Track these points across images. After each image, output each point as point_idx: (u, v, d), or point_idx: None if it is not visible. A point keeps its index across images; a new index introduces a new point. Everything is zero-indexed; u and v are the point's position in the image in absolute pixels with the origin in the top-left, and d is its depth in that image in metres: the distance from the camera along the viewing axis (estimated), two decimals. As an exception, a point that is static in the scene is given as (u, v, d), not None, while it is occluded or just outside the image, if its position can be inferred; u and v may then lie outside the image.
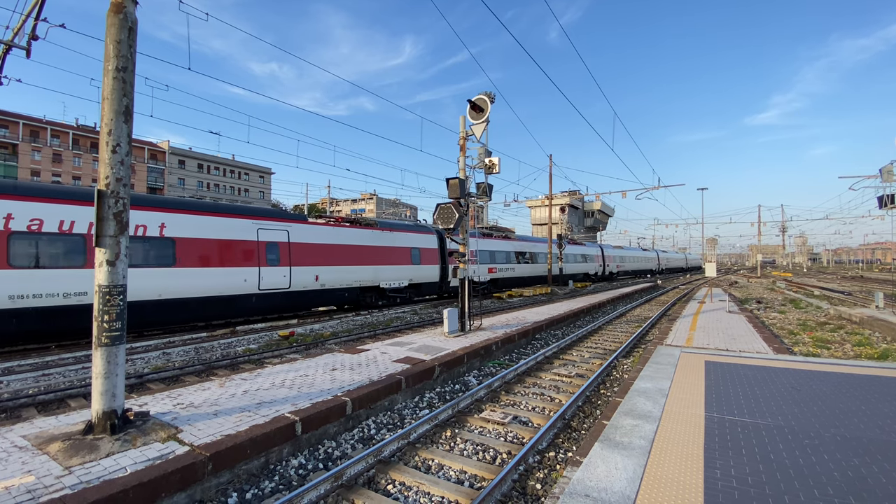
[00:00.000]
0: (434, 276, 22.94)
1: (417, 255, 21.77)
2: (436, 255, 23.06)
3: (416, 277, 21.64)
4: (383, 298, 20.26)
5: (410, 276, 21.21)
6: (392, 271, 20.17)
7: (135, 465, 4.06)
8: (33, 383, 8.31)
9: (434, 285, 23.16)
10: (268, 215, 15.76)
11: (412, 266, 21.36)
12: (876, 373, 7.65)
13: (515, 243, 32.41)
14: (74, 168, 60.06)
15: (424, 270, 22.18)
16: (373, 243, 19.45)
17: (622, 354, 10.77)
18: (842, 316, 17.47)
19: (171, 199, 14.03)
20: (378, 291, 19.71)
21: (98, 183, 4.66)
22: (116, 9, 4.75)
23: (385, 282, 19.73)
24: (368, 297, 19.28)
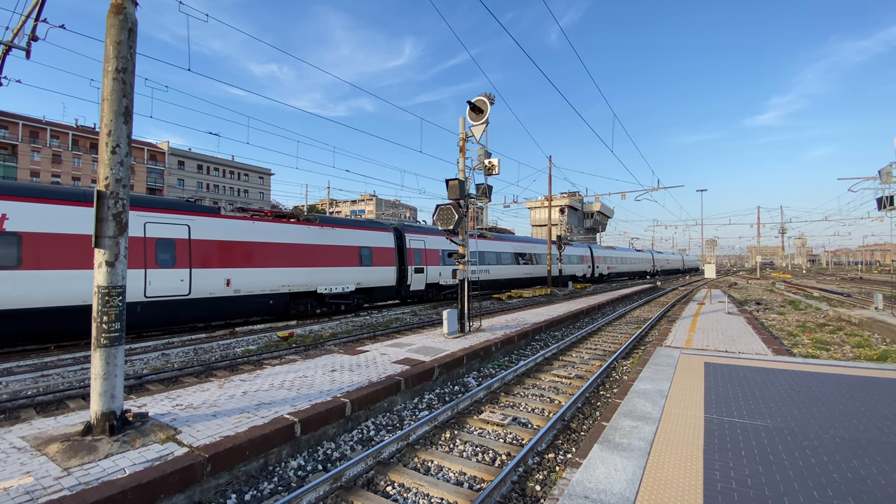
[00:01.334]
0: (389, 278, 20.21)
1: (368, 255, 19.14)
2: (392, 256, 20.46)
3: (366, 281, 18.90)
4: (322, 306, 17.49)
5: (358, 279, 18.42)
6: (333, 274, 17.42)
7: (133, 466, 4.06)
8: (32, 384, 8.30)
9: (389, 290, 20.40)
10: (160, 206, 13.07)
11: (360, 268, 18.65)
12: (875, 374, 7.66)
13: (497, 243, 30.25)
14: (74, 169, 60.03)
15: (376, 273, 19.47)
16: (308, 241, 16.69)
17: (622, 356, 10.77)
18: (841, 317, 17.48)
19: (20, 185, 11.34)
20: (315, 298, 17.08)
21: (97, 184, 4.66)
22: (116, 10, 4.76)
23: (324, 286, 17.00)
24: (302, 304, 16.64)
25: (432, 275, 22.67)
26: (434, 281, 22.80)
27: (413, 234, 22.02)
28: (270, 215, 16.25)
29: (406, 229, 21.93)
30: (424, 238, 22.73)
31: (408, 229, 22.05)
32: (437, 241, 23.39)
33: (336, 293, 17.67)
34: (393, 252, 20.58)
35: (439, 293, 23.92)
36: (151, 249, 12.46)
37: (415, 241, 22.00)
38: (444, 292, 24.17)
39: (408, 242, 21.57)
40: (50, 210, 10.89)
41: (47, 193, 11.15)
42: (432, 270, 22.69)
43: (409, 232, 21.96)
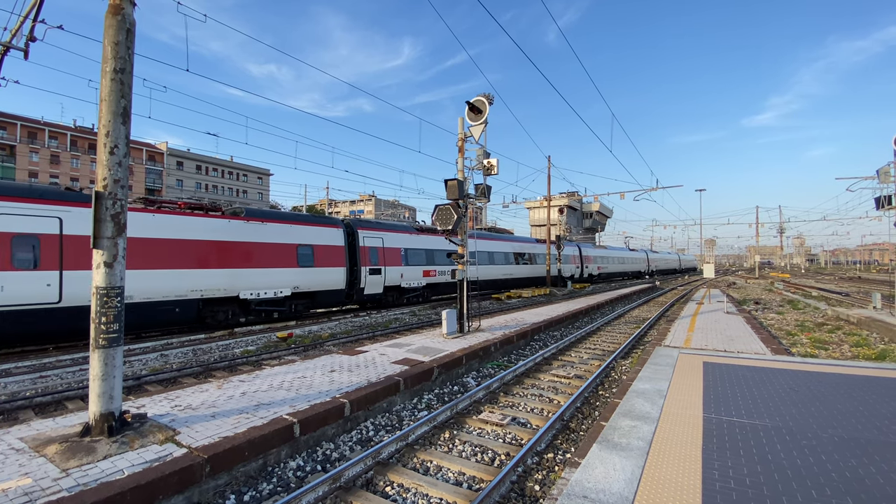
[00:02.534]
0: (336, 281, 17.73)
1: (308, 254, 16.76)
2: (341, 255, 18.03)
3: (306, 284, 16.51)
4: (247, 314, 15.08)
5: (294, 282, 16.04)
6: (261, 276, 15.03)
7: (132, 467, 4.05)
8: (31, 385, 8.28)
9: (337, 294, 17.90)
10: (21, 194, 10.89)
11: (298, 269, 16.25)
12: (874, 373, 7.67)
13: (487, 243, 27.77)
14: (72, 169, 59.93)
15: (320, 275, 17.11)
16: (228, 238, 14.30)
17: (621, 355, 10.78)
18: (839, 317, 17.52)
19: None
20: (238, 304, 14.68)
21: (96, 184, 4.66)
22: (114, 10, 4.76)
23: (249, 291, 14.67)
24: (220, 312, 14.21)
25: (392, 276, 20.44)
26: (394, 283, 20.56)
27: (368, 231, 19.84)
28: (184, 207, 14.07)
29: (359, 225, 19.77)
30: (383, 235, 20.51)
31: (362, 225, 19.93)
32: (399, 239, 21.39)
33: (265, 299, 15.21)
34: (342, 251, 18.20)
35: (401, 297, 21.37)
36: (6, 248, 10.36)
37: (370, 238, 19.73)
38: (406, 296, 21.62)
39: (361, 240, 19.22)
40: None
41: None
42: (392, 271, 20.45)
43: (364, 228, 19.76)
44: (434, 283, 23.13)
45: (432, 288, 23.25)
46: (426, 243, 22.99)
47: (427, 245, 22.98)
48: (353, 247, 18.96)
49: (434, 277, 23.07)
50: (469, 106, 11.70)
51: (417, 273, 21.88)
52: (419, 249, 22.29)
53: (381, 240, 20.24)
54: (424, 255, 22.54)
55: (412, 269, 21.55)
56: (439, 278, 23.46)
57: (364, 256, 19.11)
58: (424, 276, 22.31)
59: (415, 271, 21.72)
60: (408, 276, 21.28)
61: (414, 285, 21.65)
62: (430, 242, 23.28)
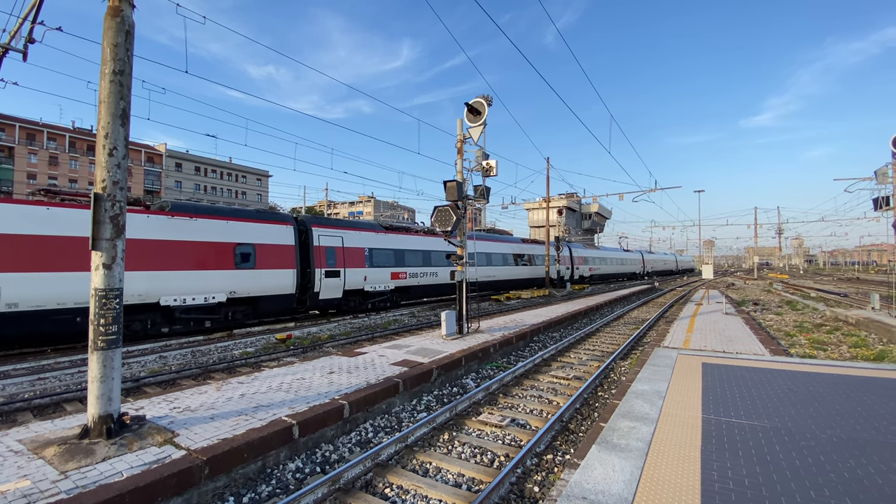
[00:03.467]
0: (285, 285, 15.73)
1: (249, 254, 14.75)
2: (290, 256, 16.10)
3: (245, 288, 14.51)
4: (172, 322, 13.15)
5: (230, 286, 14.02)
6: (188, 280, 13.13)
7: (131, 469, 4.04)
8: (29, 387, 8.26)
9: (285, 299, 15.88)
10: None
11: (236, 272, 14.25)
12: (872, 374, 7.69)
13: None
14: (71, 171, 59.84)
15: (263, 278, 15.10)
16: (145, 235, 12.41)
17: (620, 356, 10.78)
18: (838, 317, 17.55)
19: None
20: (160, 312, 12.88)
21: (95, 186, 4.66)
22: (113, 12, 4.76)
23: (172, 296, 12.80)
24: (136, 321, 12.43)
25: (353, 279, 18.43)
26: (356, 287, 18.58)
27: (324, 229, 17.90)
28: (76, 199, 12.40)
29: (315, 222, 17.89)
30: (343, 234, 18.59)
31: (317, 222, 18.02)
32: (362, 238, 19.46)
33: (193, 305, 13.33)
34: (291, 251, 16.22)
35: (364, 302, 19.41)
36: None
37: (327, 236, 17.79)
38: (371, 301, 19.66)
39: (315, 239, 17.24)
40: None
41: None
42: (353, 274, 18.45)
43: (319, 226, 17.84)
44: (404, 286, 21.19)
45: (402, 291, 21.36)
46: (395, 243, 21.17)
47: (396, 245, 21.15)
48: (306, 246, 17.12)
49: (404, 280, 21.07)
50: (468, 107, 11.72)
51: (384, 275, 19.94)
52: (386, 250, 20.43)
53: (339, 239, 18.31)
54: (393, 255, 20.70)
55: (378, 270, 19.66)
56: (410, 281, 21.43)
57: (319, 257, 17.19)
58: (392, 279, 20.43)
59: (381, 273, 19.80)
60: (372, 278, 19.38)
61: (380, 288, 19.77)
62: (401, 242, 21.53)
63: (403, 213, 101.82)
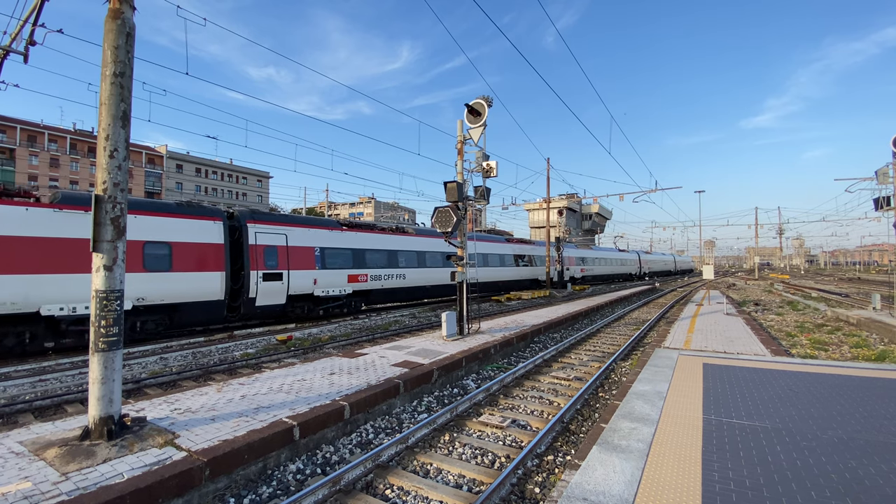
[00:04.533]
0: (210, 290, 13.52)
1: (164, 255, 12.63)
2: (217, 256, 13.82)
3: (158, 294, 12.47)
4: (59, 336, 11.26)
5: (139, 291, 12.03)
6: (78, 285, 11.09)
7: (132, 470, 4.05)
8: (30, 389, 8.27)
9: (212, 307, 13.68)
10: None
11: (146, 275, 12.22)
12: (873, 374, 7.68)
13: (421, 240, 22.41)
14: (72, 173, 59.97)
15: (182, 283, 13.01)
16: (23, 233, 10.52)
17: (620, 357, 10.77)
18: (839, 318, 17.53)
19: None
20: (44, 324, 10.94)
21: (95, 188, 4.67)
22: (114, 14, 4.77)
23: (59, 304, 10.87)
24: (10, 335, 10.58)
25: (300, 283, 16.26)
26: (304, 291, 16.43)
27: (263, 226, 15.54)
28: None
29: (252, 218, 15.48)
30: (287, 231, 16.29)
31: (255, 218, 15.62)
32: (313, 236, 17.20)
33: (85, 315, 11.16)
34: (219, 250, 13.96)
35: (315, 308, 17.22)
36: None
37: (266, 234, 15.49)
38: (323, 307, 17.41)
39: (251, 237, 14.96)
40: None
41: None
42: (300, 277, 16.27)
43: (257, 221, 15.48)
44: (364, 289, 18.88)
45: (362, 296, 19.11)
46: (355, 241, 18.89)
47: (356, 244, 18.89)
48: (239, 245, 14.85)
49: (364, 283, 18.75)
50: (468, 108, 11.73)
51: (339, 278, 17.74)
52: (342, 249, 18.18)
53: (283, 236, 16.01)
54: (351, 255, 18.50)
55: (332, 273, 17.47)
56: (372, 283, 19.13)
57: (256, 257, 14.92)
58: (350, 282, 18.18)
59: (335, 276, 17.61)
60: (325, 281, 17.19)
61: (334, 293, 17.57)
62: (362, 241, 19.27)
63: (404, 213, 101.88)
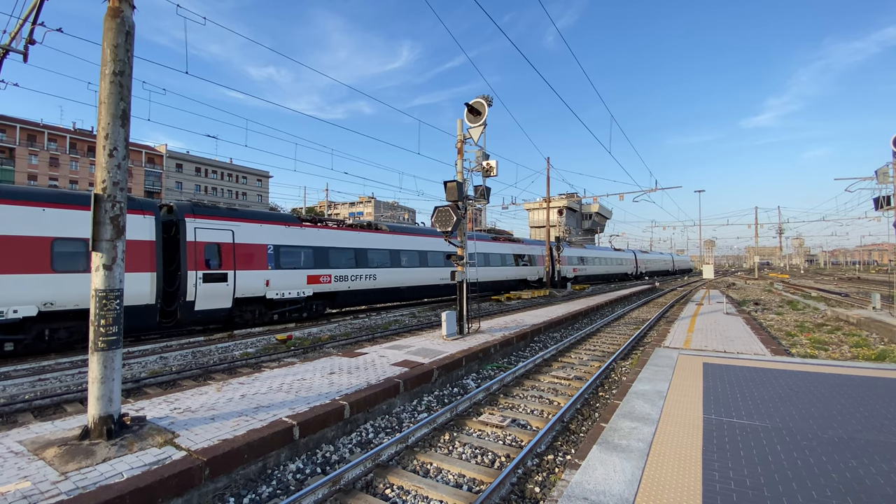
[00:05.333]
0: (138, 293, 11.83)
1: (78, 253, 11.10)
2: (146, 254, 12.14)
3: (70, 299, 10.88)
4: None
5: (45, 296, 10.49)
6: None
7: (131, 470, 4.04)
8: (29, 388, 8.26)
9: (141, 312, 11.98)
10: None
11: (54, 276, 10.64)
12: (873, 374, 7.67)
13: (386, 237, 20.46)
14: (71, 172, 59.91)
15: None
16: None
17: (620, 356, 10.77)
18: (839, 317, 17.52)
19: None
20: None
21: (95, 187, 4.66)
22: (114, 13, 4.76)
23: None
24: None
25: (249, 284, 14.46)
26: (254, 293, 14.66)
27: (205, 220, 13.66)
28: None
29: (192, 211, 13.61)
30: (234, 227, 14.31)
31: (196, 211, 13.71)
32: (265, 232, 15.29)
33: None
34: (149, 248, 12.23)
35: (268, 312, 15.51)
36: None
37: (208, 230, 13.60)
38: (277, 311, 15.73)
39: (190, 233, 13.22)
40: None
41: None
42: (250, 277, 14.47)
43: (198, 216, 13.63)
44: (327, 291, 17.16)
45: (326, 298, 17.45)
46: (317, 239, 16.99)
47: (318, 241, 17.01)
48: (176, 242, 13.15)
49: (327, 284, 17.01)
50: (468, 108, 11.72)
51: (297, 279, 15.94)
52: (301, 247, 16.36)
53: (229, 233, 14.08)
54: (312, 254, 16.66)
55: (288, 273, 15.70)
56: (337, 285, 17.38)
57: (195, 256, 13.21)
58: (310, 283, 16.43)
59: (292, 277, 15.83)
60: (279, 282, 15.41)
61: (290, 295, 15.76)
62: (325, 238, 17.41)
63: (404, 213, 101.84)
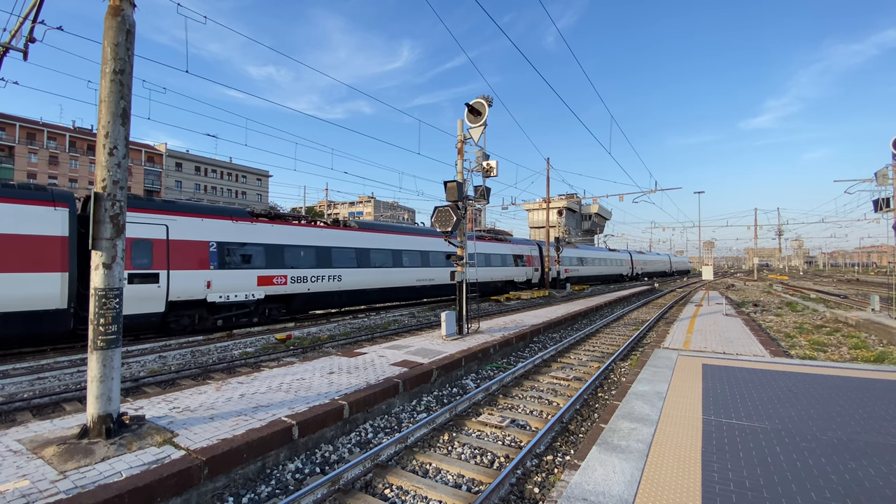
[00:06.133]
0: (45, 296, 10.45)
1: None
2: (55, 252, 10.68)
3: None
4: None
5: None
6: None
7: (130, 469, 4.03)
8: (28, 387, 8.25)
9: (49, 318, 10.57)
10: None
11: None
12: (872, 375, 7.68)
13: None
14: (71, 171, 59.86)
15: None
16: None
17: (620, 357, 10.77)
18: (838, 319, 17.54)
19: None
20: None
21: (95, 185, 4.65)
22: (114, 11, 4.76)
23: None
24: None
25: (186, 285, 12.89)
26: (192, 296, 13.07)
27: (134, 213, 12.05)
28: None
29: None
30: (168, 220, 12.70)
31: None
32: (206, 228, 13.62)
33: None
34: (59, 245, 10.75)
35: (211, 317, 13.80)
36: None
37: (136, 224, 12.03)
38: (221, 315, 14.01)
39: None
40: None
41: None
42: (186, 278, 12.89)
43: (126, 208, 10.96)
44: (283, 294, 15.40)
45: (282, 301, 15.73)
46: (270, 236, 15.26)
47: (272, 238, 15.27)
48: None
49: (283, 286, 15.23)
50: (468, 108, 11.72)
51: (245, 280, 14.20)
52: (251, 245, 14.60)
53: (162, 228, 12.48)
54: (264, 252, 14.90)
55: (234, 273, 14.05)
56: (294, 287, 15.58)
57: None
58: (262, 285, 14.68)
59: (239, 277, 14.15)
60: (224, 284, 13.79)
61: (237, 298, 14.17)
62: (281, 235, 15.65)
63: (403, 213, 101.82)
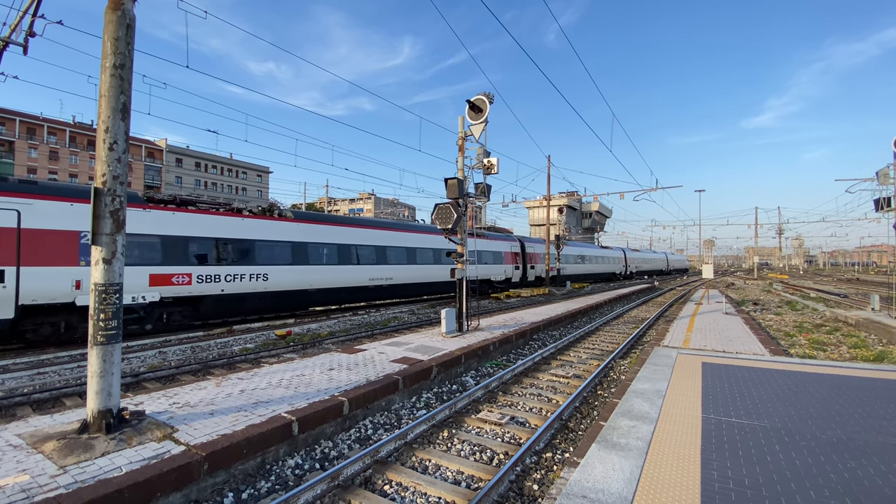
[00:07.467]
0: None
1: None
2: None
3: None
4: None
5: None
6: None
7: (130, 464, 4.04)
8: (28, 382, 8.26)
9: None
10: None
11: None
12: (872, 375, 7.68)
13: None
14: (71, 166, 59.80)
15: None
16: None
17: (619, 355, 10.78)
18: (838, 318, 17.55)
19: None
20: None
21: (95, 180, 4.64)
22: (114, 6, 4.73)
23: None
24: None
25: (46, 287, 10.59)
26: (56, 299, 10.79)
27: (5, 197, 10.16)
28: None
29: None
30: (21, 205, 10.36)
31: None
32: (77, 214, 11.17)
33: None
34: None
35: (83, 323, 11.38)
36: None
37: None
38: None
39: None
40: None
41: None
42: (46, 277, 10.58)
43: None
44: (186, 295, 13.12)
45: (187, 304, 13.42)
46: (169, 226, 12.89)
47: (171, 229, 12.91)
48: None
49: (184, 286, 13.01)
50: (469, 105, 11.68)
51: (132, 279, 11.81)
52: (143, 236, 12.23)
53: (12, 213, 10.18)
54: (160, 245, 12.62)
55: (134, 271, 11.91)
56: (202, 287, 13.36)
57: None
58: (155, 285, 12.43)
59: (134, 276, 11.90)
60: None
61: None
62: (184, 225, 13.22)
63: (404, 210, 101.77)
